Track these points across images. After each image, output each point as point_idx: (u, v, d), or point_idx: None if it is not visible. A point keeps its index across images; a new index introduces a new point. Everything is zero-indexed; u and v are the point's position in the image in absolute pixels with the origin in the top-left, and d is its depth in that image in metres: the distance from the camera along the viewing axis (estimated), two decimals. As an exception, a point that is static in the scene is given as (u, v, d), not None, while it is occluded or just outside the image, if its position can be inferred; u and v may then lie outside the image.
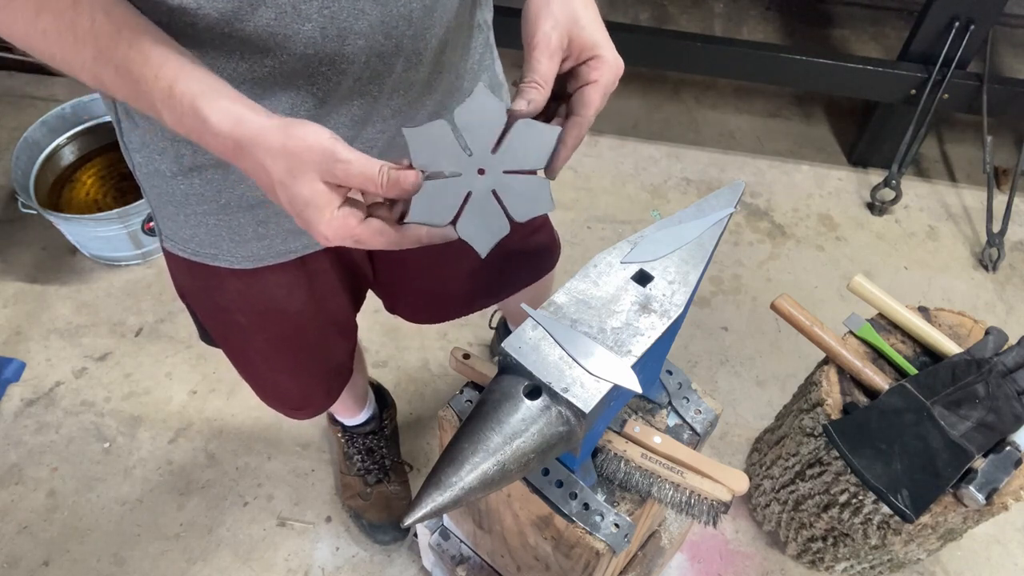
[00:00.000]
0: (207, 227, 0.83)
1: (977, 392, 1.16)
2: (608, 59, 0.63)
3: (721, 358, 1.86)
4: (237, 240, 0.84)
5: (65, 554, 1.51)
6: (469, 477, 0.65)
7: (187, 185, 0.78)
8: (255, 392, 1.17)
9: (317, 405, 1.22)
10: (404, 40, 0.69)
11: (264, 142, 0.55)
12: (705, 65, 2.21)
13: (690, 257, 0.78)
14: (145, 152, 0.77)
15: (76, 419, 1.70)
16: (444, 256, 1.05)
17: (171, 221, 0.85)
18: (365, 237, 0.58)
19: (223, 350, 1.09)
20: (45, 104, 2.28)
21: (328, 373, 1.16)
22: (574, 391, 0.67)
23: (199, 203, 0.80)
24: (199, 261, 0.87)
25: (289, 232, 0.85)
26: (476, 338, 1.87)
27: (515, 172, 0.60)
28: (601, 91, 0.63)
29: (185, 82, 0.55)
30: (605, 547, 0.83)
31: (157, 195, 0.82)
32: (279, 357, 1.05)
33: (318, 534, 1.56)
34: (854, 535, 1.31)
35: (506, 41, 1.05)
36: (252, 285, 0.91)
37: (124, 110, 0.75)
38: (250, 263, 0.87)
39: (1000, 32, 2.79)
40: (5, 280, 1.94)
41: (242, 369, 1.12)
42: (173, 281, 1.00)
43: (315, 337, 1.05)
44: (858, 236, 2.16)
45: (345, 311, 1.06)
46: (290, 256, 0.88)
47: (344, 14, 0.63)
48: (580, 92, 0.63)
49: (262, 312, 0.95)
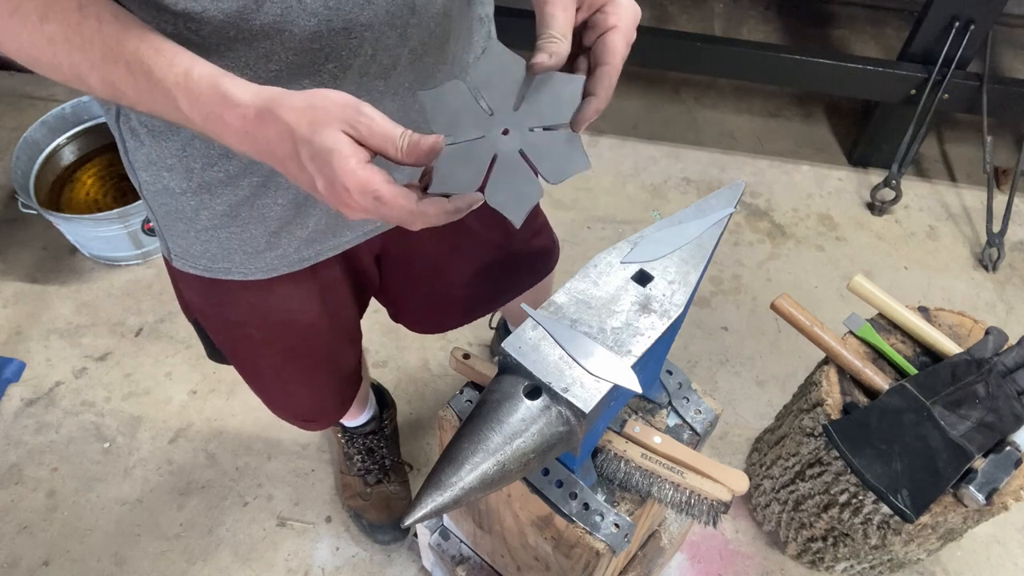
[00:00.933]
0: (219, 241, 0.82)
1: (977, 392, 1.16)
2: (623, 2, 0.61)
3: (721, 358, 1.86)
4: (250, 252, 0.83)
5: (65, 554, 1.51)
6: (469, 477, 0.65)
7: (197, 201, 0.77)
8: (267, 406, 1.16)
9: (330, 415, 1.22)
10: (409, 30, 0.69)
11: (288, 101, 0.54)
12: (705, 65, 2.20)
13: (690, 257, 0.78)
14: (152, 170, 0.76)
15: (76, 419, 1.70)
16: (447, 261, 1.05)
17: (181, 238, 0.84)
18: (387, 196, 0.54)
19: (234, 365, 1.08)
20: (45, 104, 2.28)
21: (340, 382, 1.16)
22: (574, 391, 0.67)
23: (210, 218, 0.79)
24: (211, 277, 0.87)
25: (302, 240, 0.84)
26: (476, 338, 1.87)
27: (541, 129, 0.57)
28: (623, 35, 0.60)
29: (202, 66, 0.55)
30: (605, 547, 0.83)
31: (165, 213, 0.81)
32: (292, 369, 1.05)
33: (318, 534, 1.56)
34: (854, 535, 1.31)
35: (506, 41, 1.05)
36: (265, 297, 0.90)
37: (129, 129, 0.74)
38: (263, 274, 0.86)
39: (1000, 32, 2.79)
40: (5, 280, 1.94)
41: (254, 383, 1.11)
42: (180, 299, 0.99)
43: (328, 347, 1.05)
44: (858, 236, 2.16)
45: (353, 319, 1.06)
46: (304, 264, 0.87)
47: (349, 5, 0.63)
48: (601, 40, 0.60)
49: (275, 324, 0.95)
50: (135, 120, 0.72)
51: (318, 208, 0.81)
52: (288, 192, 0.78)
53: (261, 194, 0.77)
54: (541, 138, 0.58)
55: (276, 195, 0.77)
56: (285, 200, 0.78)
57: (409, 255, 1.01)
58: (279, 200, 0.78)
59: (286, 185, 0.77)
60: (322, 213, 0.82)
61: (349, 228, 0.87)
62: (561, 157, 0.58)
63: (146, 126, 0.72)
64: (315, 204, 0.80)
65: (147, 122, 0.72)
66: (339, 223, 0.85)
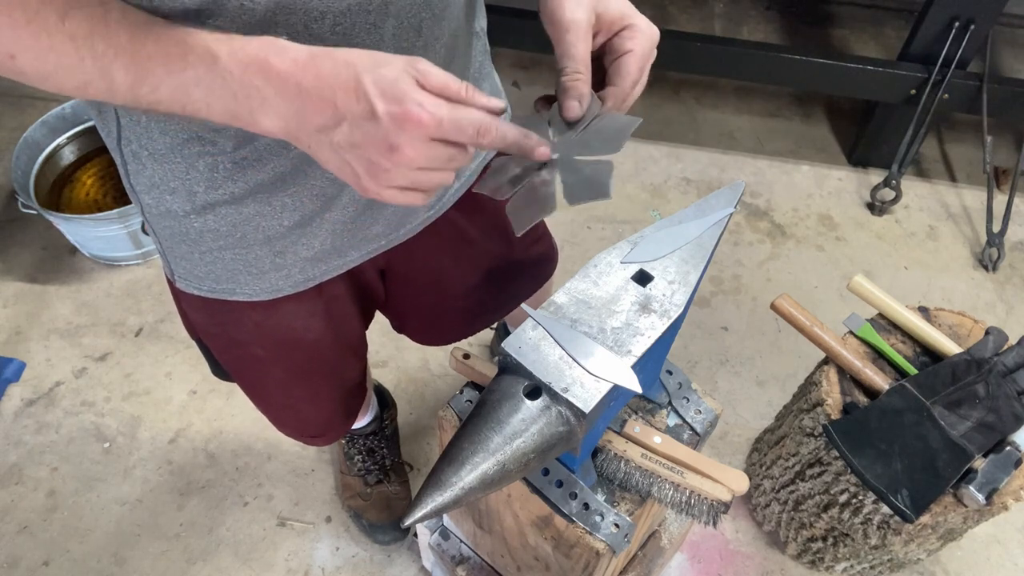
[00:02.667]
0: (223, 262, 0.82)
1: (977, 392, 1.16)
2: (641, 27, 0.62)
3: (721, 358, 1.86)
4: (255, 273, 0.83)
5: (65, 554, 1.51)
6: (469, 477, 0.65)
7: (201, 223, 0.77)
8: (273, 423, 1.16)
9: (336, 431, 1.22)
10: (415, 51, 0.69)
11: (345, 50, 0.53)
12: (705, 65, 2.21)
13: (690, 257, 0.78)
14: (155, 193, 0.76)
15: (76, 419, 1.70)
16: (450, 273, 1.05)
17: (185, 260, 0.84)
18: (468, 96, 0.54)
19: (239, 384, 1.08)
20: (45, 104, 2.28)
21: (345, 396, 1.16)
22: (574, 391, 0.67)
23: (214, 239, 0.79)
24: (216, 297, 0.86)
25: (307, 260, 0.84)
26: (476, 338, 1.87)
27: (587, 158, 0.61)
28: (638, 60, 0.62)
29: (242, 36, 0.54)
30: (605, 547, 0.83)
31: (169, 235, 0.81)
32: (298, 386, 1.05)
33: (318, 534, 1.56)
34: (854, 535, 1.31)
35: (504, 41, 1.05)
36: (270, 316, 0.90)
37: (131, 152, 0.73)
38: (268, 295, 0.86)
39: (1000, 32, 2.79)
40: (5, 280, 1.94)
41: (260, 401, 1.11)
42: (184, 319, 0.98)
43: (333, 363, 1.05)
44: (858, 236, 2.16)
45: (358, 333, 1.06)
46: (309, 284, 0.87)
47: (357, 29, 0.62)
48: (616, 63, 0.63)
49: (280, 343, 0.95)
50: (136, 143, 0.71)
51: (323, 229, 0.81)
52: (294, 213, 0.77)
53: (266, 215, 0.77)
54: (583, 162, 0.61)
55: (281, 216, 0.77)
56: (290, 221, 0.78)
57: (413, 269, 1.01)
58: (284, 221, 0.78)
59: (292, 206, 0.76)
60: (327, 234, 0.82)
61: (354, 247, 0.86)
62: (590, 184, 0.61)
63: (147, 149, 0.71)
64: (320, 225, 0.80)
65: (148, 145, 0.71)
66: (344, 243, 0.85)
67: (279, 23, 0.58)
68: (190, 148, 0.70)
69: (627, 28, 0.62)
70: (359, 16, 0.62)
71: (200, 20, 0.56)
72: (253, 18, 0.57)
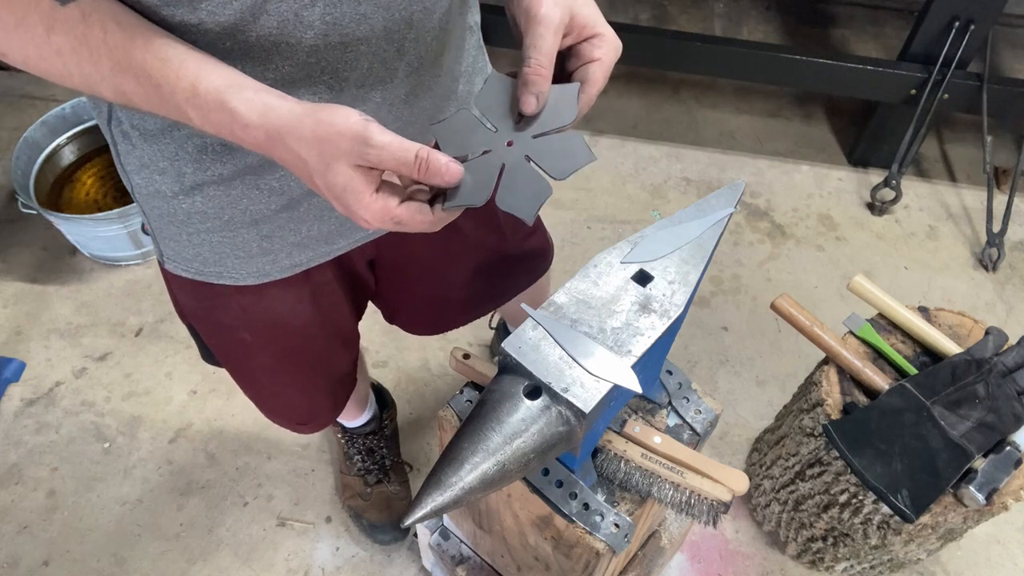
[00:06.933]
0: (211, 245, 0.82)
1: (977, 392, 1.16)
2: (608, 37, 0.64)
3: (721, 358, 1.86)
4: (242, 256, 0.83)
5: (65, 554, 1.51)
6: (469, 477, 0.65)
7: (189, 204, 0.77)
8: (259, 409, 1.16)
9: (323, 418, 1.22)
10: (406, 44, 0.69)
11: (294, 131, 0.55)
12: (705, 65, 2.21)
13: (690, 257, 0.78)
14: (144, 173, 0.76)
15: (76, 419, 1.70)
16: (442, 265, 1.05)
17: (173, 241, 0.84)
18: (405, 218, 0.58)
19: (226, 368, 1.08)
20: (45, 104, 2.29)
21: (333, 385, 1.16)
22: (574, 391, 0.67)
23: (202, 221, 0.79)
24: (203, 280, 0.87)
25: (294, 246, 0.84)
26: (476, 338, 1.87)
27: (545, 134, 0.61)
28: (604, 69, 0.63)
29: (208, 78, 0.55)
30: (605, 547, 0.83)
31: (158, 216, 0.81)
32: (285, 372, 1.05)
33: (318, 534, 1.56)
34: (854, 535, 1.31)
35: (501, 41, 1.05)
36: (257, 301, 0.90)
37: (121, 132, 0.74)
38: (255, 279, 0.86)
39: (1000, 32, 2.79)
40: (5, 280, 1.94)
41: (247, 386, 1.11)
42: (174, 302, 0.99)
43: (320, 350, 1.05)
44: (858, 236, 2.16)
45: (348, 322, 1.06)
46: (296, 270, 0.87)
47: (347, 20, 0.63)
48: (583, 70, 0.63)
49: (267, 327, 0.95)
50: (127, 123, 0.72)
51: (311, 215, 0.81)
52: (281, 196, 0.78)
53: (253, 197, 0.77)
54: (544, 142, 0.61)
55: (269, 199, 0.77)
56: (277, 204, 0.78)
57: (403, 260, 1.01)
58: (271, 204, 0.78)
59: (279, 189, 0.77)
60: (314, 220, 0.82)
61: (342, 236, 0.87)
62: (564, 155, 0.61)
63: (138, 129, 0.72)
64: (308, 210, 0.81)
65: (139, 125, 0.71)
66: (332, 230, 0.85)
67: (270, 11, 0.59)
68: (180, 129, 0.70)
69: (596, 36, 0.63)
70: (349, 6, 0.62)
71: (192, 5, 0.57)
72: (244, 4, 0.58)
